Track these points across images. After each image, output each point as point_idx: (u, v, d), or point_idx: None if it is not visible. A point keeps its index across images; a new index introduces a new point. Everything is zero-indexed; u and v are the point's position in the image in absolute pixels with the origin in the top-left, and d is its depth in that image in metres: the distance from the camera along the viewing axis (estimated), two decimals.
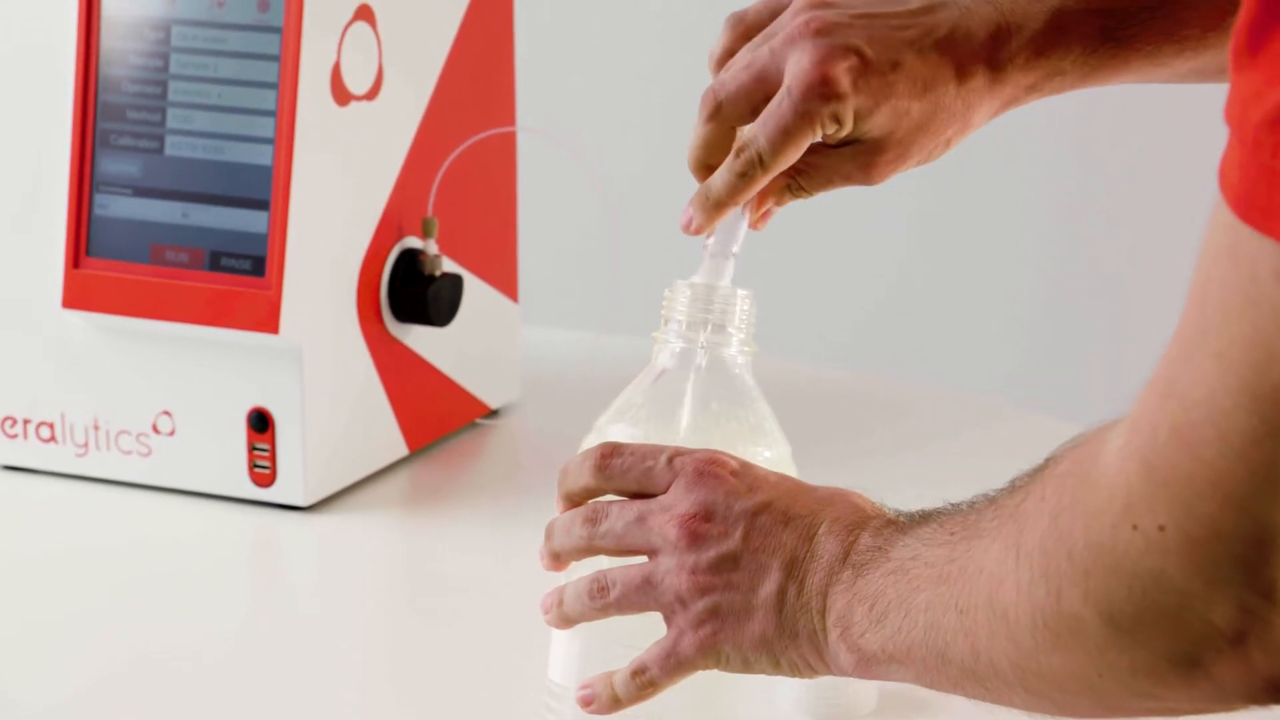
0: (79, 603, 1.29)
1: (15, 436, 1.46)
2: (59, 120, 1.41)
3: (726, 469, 0.94)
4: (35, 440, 1.46)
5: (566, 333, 1.79)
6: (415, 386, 1.49)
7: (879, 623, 0.88)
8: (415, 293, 1.45)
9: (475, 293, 1.54)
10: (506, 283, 1.59)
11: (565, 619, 0.97)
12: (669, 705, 0.96)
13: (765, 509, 0.93)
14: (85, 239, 1.40)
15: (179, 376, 1.41)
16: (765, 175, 1.00)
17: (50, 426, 1.45)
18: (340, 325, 1.42)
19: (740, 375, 1.01)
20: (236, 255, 1.37)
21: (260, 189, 1.36)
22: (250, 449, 1.40)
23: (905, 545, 0.88)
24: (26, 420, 1.46)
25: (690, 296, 1.01)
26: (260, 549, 1.42)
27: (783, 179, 1.03)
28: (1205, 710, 0.76)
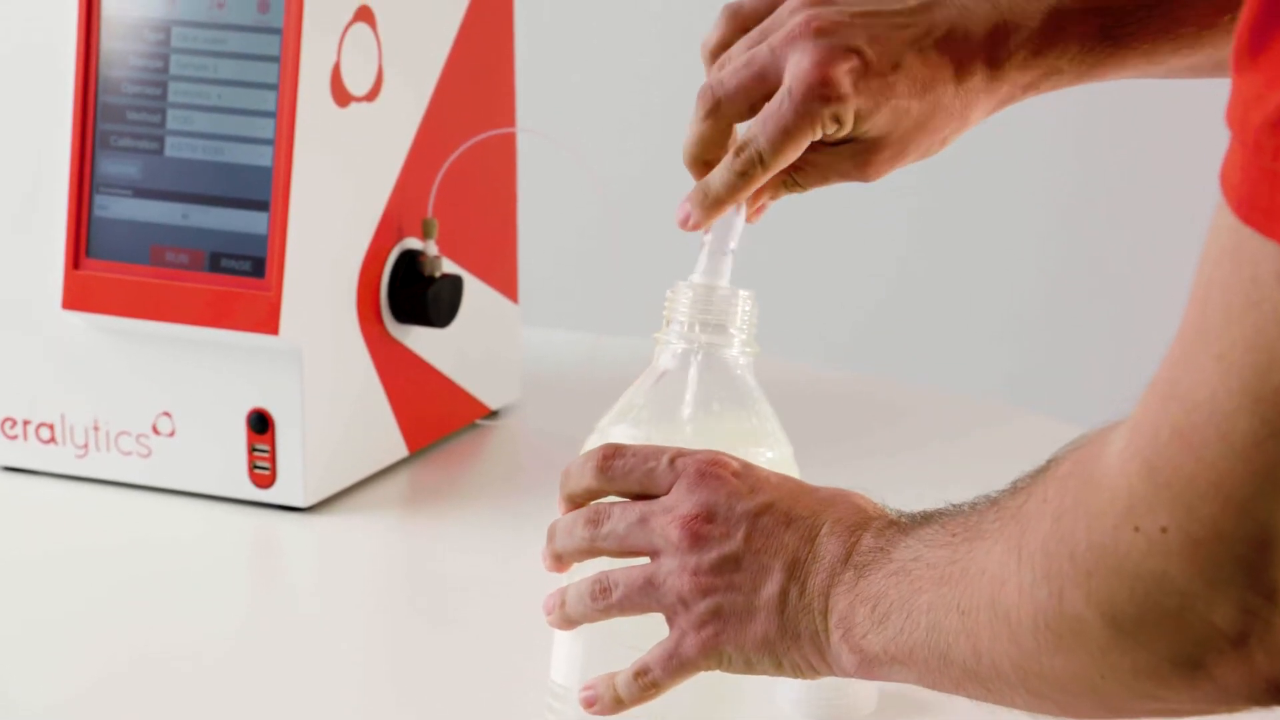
0: (79, 603, 1.29)
1: (15, 437, 1.46)
2: (59, 121, 1.41)
3: (728, 470, 0.94)
4: (35, 441, 1.46)
5: (566, 333, 1.79)
6: (415, 387, 1.49)
7: (881, 624, 0.88)
8: (415, 293, 1.45)
9: (475, 293, 1.54)
10: (506, 283, 1.59)
11: (567, 620, 0.97)
12: (671, 706, 0.96)
13: (767, 510, 0.93)
14: (85, 240, 1.40)
15: (179, 377, 1.41)
16: (765, 174, 1.00)
17: (50, 427, 1.45)
18: (340, 326, 1.42)
19: (742, 376, 1.01)
20: (236, 256, 1.37)
21: (260, 190, 1.36)
22: (250, 450, 1.40)
23: (907, 546, 0.88)
24: (26, 421, 1.46)
25: (692, 297, 1.01)
26: (260, 550, 1.42)
27: (779, 175, 1.03)
28: (1207, 711, 0.76)
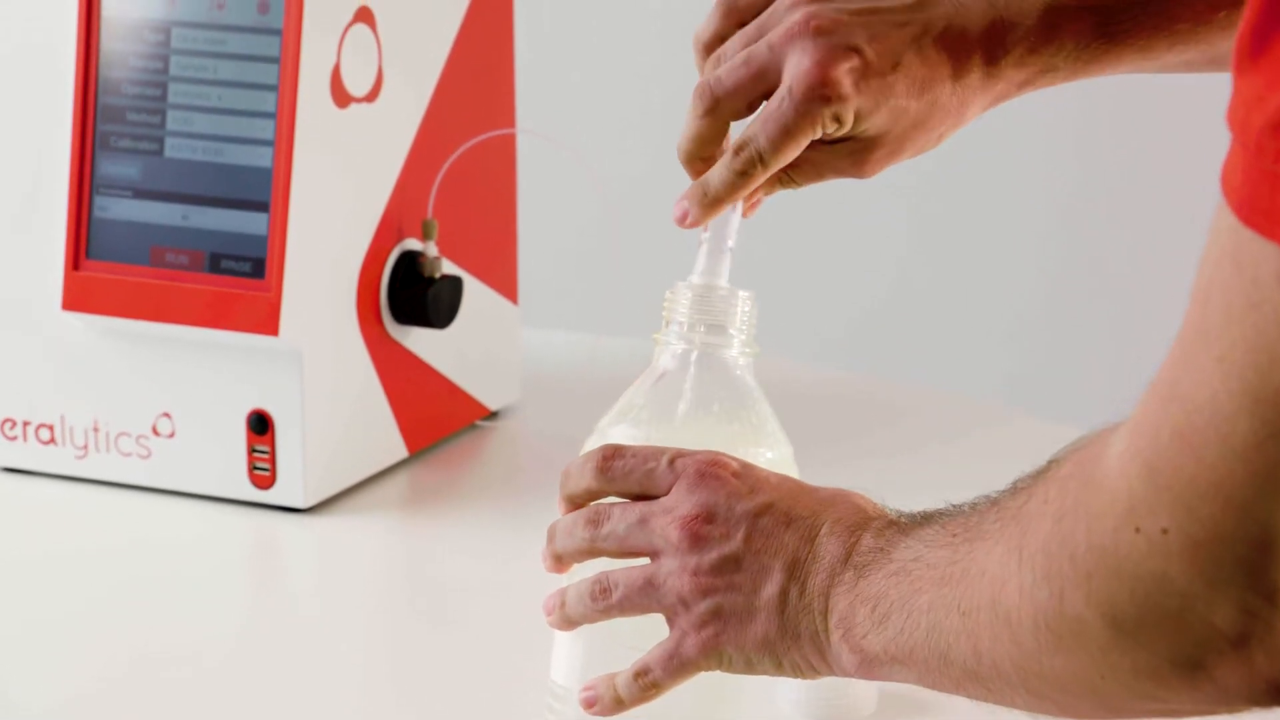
0: (79, 604, 1.29)
1: (15, 438, 1.46)
2: (59, 122, 1.41)
3: (728, 470, 0.94)
4: (35, 442, 1.46)
5: (566, 334, 1.79)
6: (415, 388, 1.49)
7: (881, 624, 0.88)
8: (415, 295, 1.45)
9: (475, 294, 1.54)
10: (506, 284, 1.59)
11: (568, 620, 0.97)
12: (672, 707, 0.96)
13: (767, 510, 0.93)
14: (85, 241, 1.40)
15: (179, 378, 1.41)
16: (764, 173, 1.00)
17: (50, 428, 1.45)
18: (340, 327, 1.42)
19: (741, 376, 1.01)
20: (236, 257, 1.37)
21: (260, 191, 1.36)
22: (250, 451, 1.40)
23: (907, 547, 0.88)
24: (26, 422, 1.46)
25: (691, 298, 1.01)
26: (260, 551, 1.42)
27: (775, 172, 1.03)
28: (1207, 712, 0.76)
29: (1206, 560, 0.70)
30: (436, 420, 1.53)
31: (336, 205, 1.40)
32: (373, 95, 1.42)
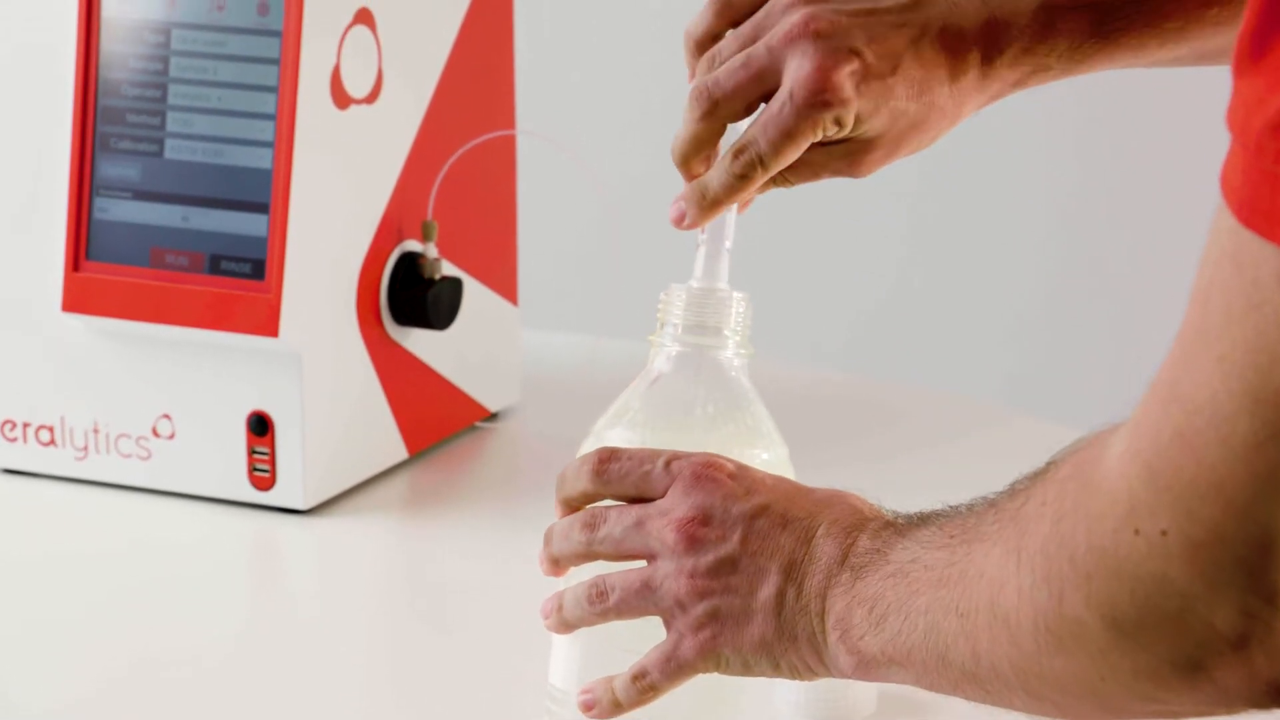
0: (79, 606, 1.29)
1: (15, 440, 1.46)
2: (59, 123, 1.41)
3: (724, 472, 0.94)
4: (35, 444, 1.46)
5: (566, 336, 1.79)
6: (415, 390, 1.49)
7: (878, 625, 0.88)
8: (415, 296, 1.45)
9: (475, 296, 1.53)
10: (506, 286, 1.59)
11: (565, 624, 0.97)
12: (670, 709, 0.96)
13: (763, 512, 0.93)
14: (85, 242, 1.40)
15: (178, 380, 1.41)
16: (764, 176, 1.00)
17: (50, 430, 1.45)
18: (340, 329, 1.41)
19: (737, 378, 1.01)
20: (236, 259, 1.37)
21: (260, 192, 1.36)
22: (250, 452, 1.40)
23: (904, 548, 0.88)
24: (26, 424, 1.46)
25: (686, 300, 1.01)
26: (260, 552, 1.42)
27: None
28: (1207, 713, 0.76)
29: (1206, 561, 0.70)
30: (436, 422, 1.52)
31: (336, 207, 1.40)
32: (373, 97, 1.42)
